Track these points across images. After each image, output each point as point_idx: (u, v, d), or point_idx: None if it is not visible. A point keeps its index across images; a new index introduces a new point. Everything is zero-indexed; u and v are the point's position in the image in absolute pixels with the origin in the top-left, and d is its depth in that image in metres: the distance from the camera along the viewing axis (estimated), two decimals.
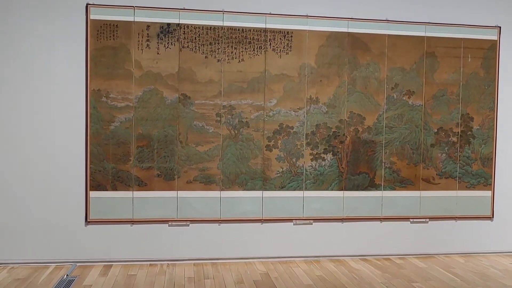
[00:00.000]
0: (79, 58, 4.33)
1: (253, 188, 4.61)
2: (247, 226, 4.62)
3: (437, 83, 4.87)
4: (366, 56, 4.74)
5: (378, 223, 4.84)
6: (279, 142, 4.64)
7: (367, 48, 4.74)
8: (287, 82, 4.63)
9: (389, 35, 4.76)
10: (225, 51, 4.52)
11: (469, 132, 4.94)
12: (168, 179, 4.48)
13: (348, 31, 4.69)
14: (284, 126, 4.64)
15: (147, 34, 4.41)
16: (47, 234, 4.36)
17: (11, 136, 4.29)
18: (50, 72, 4.32)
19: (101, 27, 4.34)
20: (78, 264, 4.37)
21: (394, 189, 4.83)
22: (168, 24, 4.44)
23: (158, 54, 4.43)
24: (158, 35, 4.43)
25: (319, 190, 4.71)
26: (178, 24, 4.45)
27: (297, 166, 4.67)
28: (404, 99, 4.83)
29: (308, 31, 4.63)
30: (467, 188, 4.96)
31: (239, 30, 4.54)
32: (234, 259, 4.59)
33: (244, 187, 4.59)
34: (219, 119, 4.54)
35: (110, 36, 4.36)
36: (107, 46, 4.36)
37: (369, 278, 4.18)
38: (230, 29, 4.53)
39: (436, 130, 4.89)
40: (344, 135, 4.74)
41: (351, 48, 4.71)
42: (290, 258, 4.67)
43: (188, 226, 4.54)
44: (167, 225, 4.51)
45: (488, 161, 4.98)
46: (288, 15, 4.60)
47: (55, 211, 4.36)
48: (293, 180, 4.67)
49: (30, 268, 4.24)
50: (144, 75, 4.42)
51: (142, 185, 4.45)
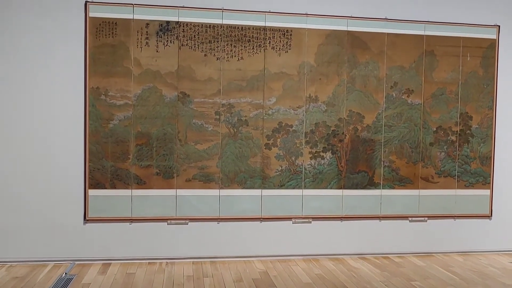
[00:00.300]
0: (78, 56, 4.32)
1: (252, 187, 4.60)
2: (246, 224, 4.62)
3: (436, 82, 4.88)
4: (366, 55, 4.74)
5: (377, 221, 4.84)
6: (278, 140, 4.63)
7: (367, 46, 4.74)
8: (286, 80, 4.62)
9: (388, 34, 4.76)
10: (224, 49, 4.52)
11: (468, 131, 4.95)
12: (167, 177, 4.47)
13: (348, 30, 4.69)
14: (283, 125, 4.64)
15: (146, 32, 4.40)
16: (46, 232, 4.34)
17: (9, 134, 4.28)
18: (49, 70, 4.31)
19: (100, 24, 4.33)
20: (77, 262, 4.36)
21: (393, 187, 4.84)
22: (167, 22, 4.43)
23: (157, 52, 4.42)
24: (157, 33, 4.42)
25: (318, 188, 4.71)
26: (177, 22, 4.44)
27: (296, 164, 4.67)
28: (403, 97, 4.83)
29: (308, 29, 4.63)
30: (465, 187, 4.97)
31: (238, 28, 4.53)
32: (233, 257, 4.58)
33: (243, 185, 4.59)
34: (218, 117, 4.53)
35: (109, 34, 4.35)
36: (106, 44, 4.34)
37: (368, 277, 4.18)
38: (230, 27, 4.52)
39: (435, 129, 4.89)
40: (343, 133, 4.74)
41: (350, 46, 4.71)
42: (289, 257, 4.67)
43: (187, 224, 4.53)
44: (166, 223, 4.50)
45: (487, 160, 4.99)
46: (287, 13, 4.60)
47: (53, 209, 4.34)
48: (292, 178, 4.67)
49: (28, 267, 4.23)
50: (143, 73, 4.41)
51: (141, 183, 4.44)
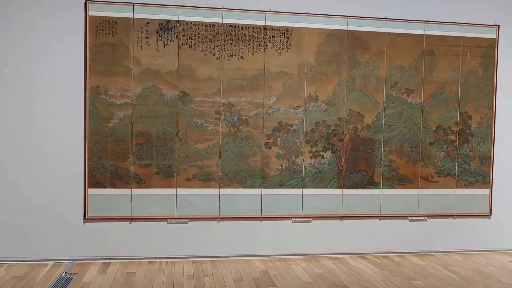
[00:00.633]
0: (78, 55, 4.31)
1: (252, 186, 4.60)
2: (246, 223, 4.62)
3: (436, 81, 4.88)
4: (366, 54, 4.74)
5: (377, 221, 4.85)
6: (278, 139, 4.63)
7: (367, 46, 4.74)
8: (286, 79, 4.62)
9: (388, 33, 4.76)
10: (224, 49, 4.51)
11: (467, 131, 4.95)
12: (167, 176, 4.47)
13: (348, 29, 4.69)
14: (283, 124, 4.64)
15: (146, 31, 4.39)
16: (46, 231, 4.34)
17: (9, 133, 4.27)
18: (49, 68, 4.29)
19: (100, 23, 4.32)
20: (77, 261, 4.36)
21: (393, 187, 4.84)
22: (168, 21, 4.42)
23: (157, 51, 4.41)
24: (158, 32, 4.41)
25: (318, 188, 4.71)
26: (177, 21, 4.44)
27: (296, 163, 4.67)
28: (403, 97, 4.83)
29: (308, 28, 4.63)
30: (465, 186, 4.98)
31: (238, 27, 4.53)
32: (233, 256, 4.58)
33: (243, 184, 4.59)
34: (218, 116, 4.53)
35: (109, 33, 4.34)
36: (106, 42, 4.34)
37: (368, 276, 4.18)
38: (230, 26, 4.51)
39: (434, 128, 4.90)
40: (343, 133, 4.74)
41: (350, 46, 4.71)
42: (289, 256, 4.67)
43: (187, 223, 4.53)
44: (166, 222, 4.50)
45: (486, 159, 5.00)
46: (287, 13, 4.59)
47: (53, 209, 4.34)
48: (292, 177, 4.67)
49: (28, 266, 4.22)
50: (143, 72, 4.40)
51: (141, 182, 4.43)
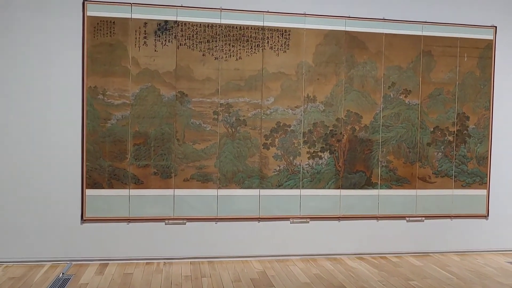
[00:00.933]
0: (75, 55, 4.30)
1: (250, 187, 4.60)
2: (244, 224, 4.61)
3: (433, 82, 4.89)
4: (363, 55, 4.75)
5: (374, 221, 4.85)
6: (276, 140, 4.63)
7: (364, 46, 4.74)
8: (284, 80, 4.62)
9: (386, 34, 4.77)
10: (222, 49, 4.51)
11: (465, 131, 4.97)
12: (165, 177, 4.46)
13: (346, 30, 4.70)
14: (281, 125, 4.64)
15: (144, 31, 4.38)
16: (43, 232, 4.32)
17: (6, 133, 4.25)
18: (46, 69, 4.28)
19: (98, 23, 4.31)
20: (74, 262, 4.34)
21: (391, 187, 4.85)
22: (166, 21, 4.42)
23: (156, 51, 4.41)
24: (156, 32, 4.40)
25: (316, 188, 4.71)
26: (175, 22, 4.43)
27: (294, 164, 4.67)
28: (401, 98, 4.84)
29: (306, 29, 4.63)
30: (462, 187, 4.99)
31: (236, 28, 4.53)
32: (231, 257, 4.58)
33: (241, 185, 4.58)
34: (216, 117, 4.52)
35: (107, 33, 4.33)
36: (104, 43, 4.33)
37: (365, 277, 4.19)
38: (228, 26, 4.51)
39: (432, 129, 4.91)
40: (341, 133, 4.74)
41: (348, 46, 4.71)
42: (287, 257, 4.67)
43: (185, 224, 4.52)
44: (164, 223, 4.49)
45: (484, 160, 5.01)
46: (285, 13, 4.59)
47: (50, 209, 4.32)
48: (290, 178, 4.67)
49: (25, 267, 4.20)
50: (141, 73, 4.39)
51: (139, 183, 4.42)
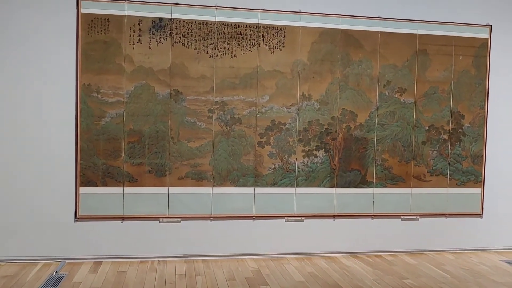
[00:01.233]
0: (69, 52, 4.27)
1: (245, 185, 4.59)
2: (238, 223, 4.60)
3: (428, 80, 4.89)
4: (359, 53, 4.74)
5: (369, 220, 4.85)
6: (271, 138, 4.62)
7: (360, 45, 4.74)
8: (279, 78, 4.61)
9: (381, 32, 4.77)
10: (217, 47, 4.49)
11: (460, 130, 4.97)
12: (159, 175, 4.44)
13: (341, 28, 4.69)
14: (276, 123, 4.62)
15: (139, 29, 4.36)
16: (36, 230, 4.29)
17: None
18: (40, 66, 4.25)
19: (92, 21, 4.28)
20: (68, 261, 4.32)
21: (386, 186, 4.85)
22: (160, 19, 4.39)
23: (150, 49, 4.38)
24: (150, 30, 4.38)
25: (311, 187, 4.71)
26: (170, 19, 4.41)
27: (289, 162, 4.66)
28: (396, 96, 4.84)
29: (301, 27, 4.62)
30: (457, 185, 4.99)
31: (232, 25, 4.51)
32: (225, 256, 4.57)
33: (236, 183, 4.57)
34: (211, 115, 4.51)
35: (101, 30, 4.30)
36: (98, 40, 4.30)
37: (360, 275, 4.19)
38: (223, 24, 4.49)
39: (427, 128, 4.91)
40: (336, 132, 4.74)
41: (343, 45, 4.71)
42: (281, 255, 4.67)
43: (179, 222, 4.51)
44: (158, 221, 4.47)
45: (478, 158, 5.02)
46: (281, 11, 4.58)
47: (44, 207, 4.29)
48: (285, 176, 4.66)
49: (18, 265, 4.18)
50: (135, 70, 4.37)
51: (133, 181, 4.40)
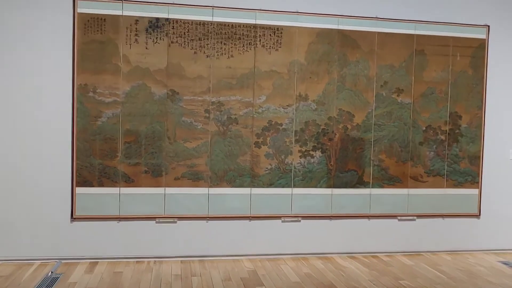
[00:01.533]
0: (66, 52, 4.26)
1: (241, 185, 4.58)
2: (235, 223, 4.60)
3: (426, 81, 4.88)
4: (356, 54, 4.74)
5: (366, 220, 4.84)
6: (268, 139, 4.62)
7: (357, 45, 4.73)
8: (276, 78, 4.60)
9: (379, 33, 4.76)
10: (214, 47, 4.49)
11: (457, 130, 4.96)
12: (155, 175, 4.44)
13: (338, 28, 4.68)
14: (273, 123, 4.62)
15: (136, 29, 4.35)
16: (32, 230, 4.29)
17: None
18: (36, 66, 4.24)
19: (88, 20, 4.28)
20: (63, 261, 4.32)
21: (382, 186, 4.84)
22: (157, 19, 4.39)
23: (147, 49, 4.38)
24: (147, 30, 4.37)
25: (308, 187, 4.70)
26: (167, 19, 4.40)
27: (285, 163, 4.65)
28: (393, 97, 4.83)
29: (298, 27, 4.61)
30: (454, 186, 4.98)
31: (228, 25, 4.50)
32: (221, 256, 4.56)
33: (232, 184, 4.57)
34: (207, 115, 4.50)
35: (98, 30, 4.30)
36: (95, 40, 4.30)
37: (356, 276, 4.18)
38: (220, 24, 4.49)
39: (424, 128, 4.90)
40: (333, 132, 4.73)
41: (340, 45, 4.70)
42: (278, 256, 4.66)
43: (176, 223, 4.50)
44: (154, 221, 4.47)
45: (476, 159, 5.01)
46: (278, 11, 4.57)
47: (40, 207, 4.29)
48: (281, 177, 4.65)
49: (13, 265, 4.18)
50: (132, 70, 4.36)
51: (129, 181, 4.40)
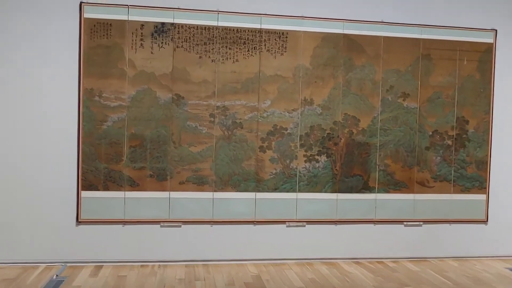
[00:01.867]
0: (72, 57, 4.30)
1: (246, 190, 4.58)
2: (239, 227, 4.59)
3: (432, 85, 4.85)
4: (361, 58, 4.72)
5: (371, 225, 4.81)
6: (273, 143, 4.61)
7: (363, 49, 4.71)
8: (281, 83, 4.60)
9: (384, 37, 4.74)
10: (219, 51, 4.50)
11: (464, 135, 4.92)
12: (160, 179, 4.45)
13: (344, 33, 4.67)
14: (278, 127, 4.61)
15: (141, 33, 4.38)
16: (37, 233, 4.32)
17: (1, 134, 4.25)
18: (43, 70, 4.28)
19: (94, 25, 4.31)
20: (68, 264, 4.34)
21: (388, 192, 4.81)
22: (162, 24, 4.41)
23: (152, 53, 4.40)
24: (152, 35, 4.40)
25: (313, 192, 4.68)
26: (172, 24, 4.42)
27: (290, 167, 4.64)
28: (399, 101, 4.80)
29: (303, 32, 4.61)
30: (461, 191, 4.94)
31: (233, 30, 4.51)
32: (226, 260, 4.55)
33: (237, 188, 4.56)
34: (212, 119, 4.51)
35: (104, 35, 4.33)
36: (101, 45, 4.33)
37: (361, 281, 4.15)
38: (225, 29, 4.50)
39: (431, 133, 4.87)
40: (338, 137, 4.71)
41: (346, 49, 4.68)
42: (282, 261, 4.64)
43: (180, 227, 4.51)
44: (159, 225, 4.48)
45: (483, 164, 4.96)
46: (283, 16, 4.57)
47: (45, 211, 4.32)
48: (286, 181, 4.64)
49: (19, 268, 4.20)
50: (137, 75, 4.39)
51: (134, 185, 4.41)
